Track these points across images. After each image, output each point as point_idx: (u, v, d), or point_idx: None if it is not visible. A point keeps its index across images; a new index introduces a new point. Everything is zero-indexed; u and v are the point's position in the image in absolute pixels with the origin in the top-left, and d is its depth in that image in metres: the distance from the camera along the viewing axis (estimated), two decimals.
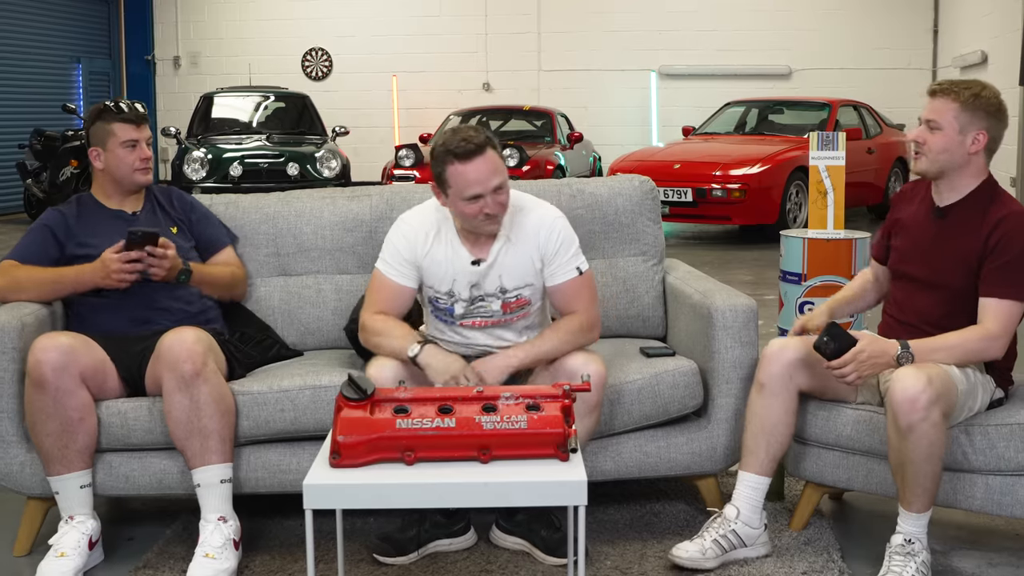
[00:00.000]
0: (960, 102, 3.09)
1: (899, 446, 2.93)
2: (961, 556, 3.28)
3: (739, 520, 3.21)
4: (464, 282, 3.22)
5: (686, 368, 3.43)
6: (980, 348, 3.04)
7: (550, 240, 3.22)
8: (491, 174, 3.05)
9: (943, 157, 3.13)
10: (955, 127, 3.10)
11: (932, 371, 2.92)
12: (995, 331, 3.02)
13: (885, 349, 3.03)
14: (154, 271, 3.37)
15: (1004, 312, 3.03)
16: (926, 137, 3.14)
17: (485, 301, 3.23)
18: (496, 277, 3.22)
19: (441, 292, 3.24)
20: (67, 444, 3.15)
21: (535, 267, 3.23)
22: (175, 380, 3.12)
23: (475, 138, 3.05)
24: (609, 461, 3.40)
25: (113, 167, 3.54)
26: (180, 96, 16.77)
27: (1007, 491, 3.08)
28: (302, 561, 3.21)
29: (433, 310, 3.31)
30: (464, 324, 3.26)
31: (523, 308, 3.26)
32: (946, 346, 3.04)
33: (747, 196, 10.77)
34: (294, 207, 3.90)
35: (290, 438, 3.33)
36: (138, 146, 3.53)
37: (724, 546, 3.18)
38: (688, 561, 3.15)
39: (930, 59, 15.27)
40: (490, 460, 2.51)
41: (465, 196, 3.06)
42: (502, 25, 16.17)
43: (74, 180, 11.98)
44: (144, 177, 3.58)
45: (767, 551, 3.26)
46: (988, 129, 3.11)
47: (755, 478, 3.23)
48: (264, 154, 11.85)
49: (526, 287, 3.24)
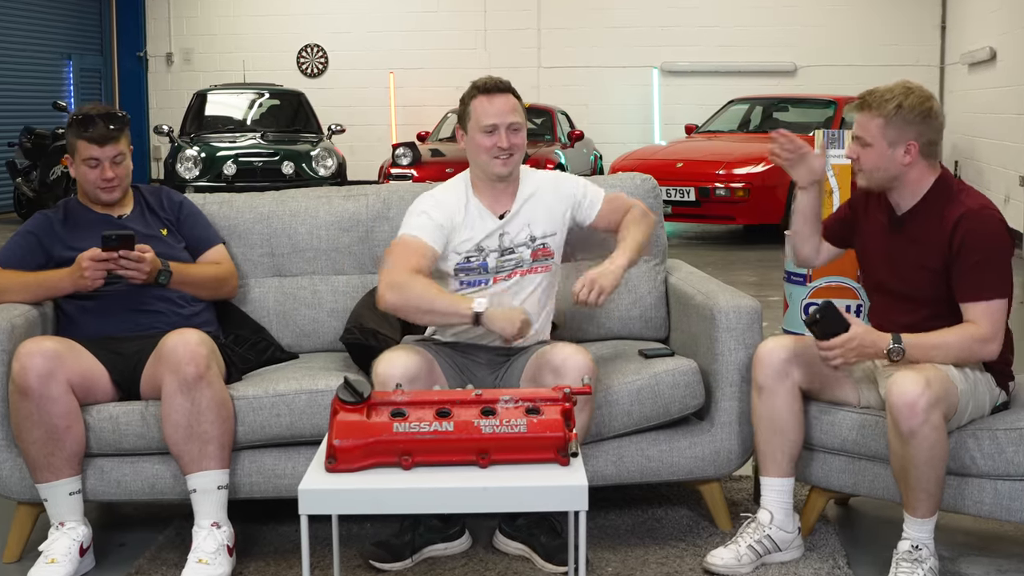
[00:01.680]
0: (884, 116, 3.05)
1: (901, 451, 2.93)
2: (970, 562, 3.28)
3: (773, 524, 3.22)
4: (494, 238, 3.36)
5: (686, 367, 3.43)
6: (975, 350, 3.02)
7: (574, 184, 3.50)
8: (510, 111, 3.32)
9: (879, 173, 3.11)
10: (883, 143, 3.07)
11: (930, 373, 2.92)
12: (988, 333, 3.00)
13: (876, 341, 3.02)
14: (131, 274, 3.35)
15: (991, 312, 3.01)
16: (859, 153, 3.12)
17: (516, 252, 3.37)
18: (525, 226, 3.38)
19: (473, 251, 3.35)
20: (53, 452, 3.15)
21: (560, 213, 3.43)
22: (177, 382, 3.12)
23: (502, 81, 3.37)
24: (610, 465, 3.40)
25: (80, 179, 3.54)
26: (173, 93, 16.76)
27: (1016, 496, 3.07)
28: (297, 567, 3.21)
29: (465, 276, 3.36)
30: (498, 279, 3.35)
31: (547, 259, 3.42)
32: (942, 344, 3.02)
33: (751, 195, 10.78)
34: (289, 206, 3.90)
35: (286, 443, 3.33)
36: (100, 166, 3.48)
37: (759, 551, 3.20)
38: (724, 568, 3.17)
39: (938, 55, 15.27)
40: (489, 465, 2.51)
41: (483, 125, 3.29)
42: (501, 21, 16.17)
43: (64, 179, 11.97)
44: (108, 196, 3.52)
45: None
46: (918, 136, 3.07)
47: (779, 481, 3.24)
48: (258, 152, 11.86)
49: (551, 236, 3.42)
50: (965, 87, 13.53)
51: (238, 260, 3.81)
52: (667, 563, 3.25)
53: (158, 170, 15.78)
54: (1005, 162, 11.08)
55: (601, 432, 3.35)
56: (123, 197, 3.60)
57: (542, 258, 3.40)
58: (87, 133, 3.46)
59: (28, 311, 3.39)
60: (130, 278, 3.36)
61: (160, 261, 3.42)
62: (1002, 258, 3.05)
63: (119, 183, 3.53)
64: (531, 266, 3.39)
